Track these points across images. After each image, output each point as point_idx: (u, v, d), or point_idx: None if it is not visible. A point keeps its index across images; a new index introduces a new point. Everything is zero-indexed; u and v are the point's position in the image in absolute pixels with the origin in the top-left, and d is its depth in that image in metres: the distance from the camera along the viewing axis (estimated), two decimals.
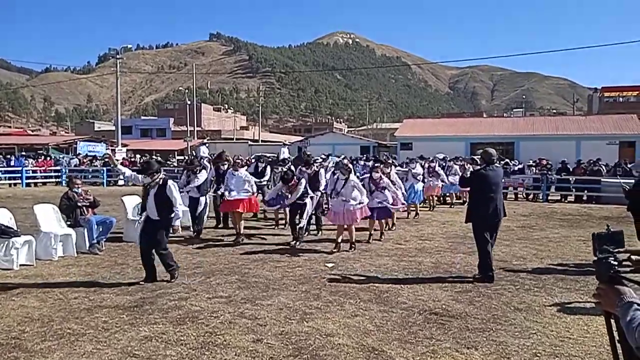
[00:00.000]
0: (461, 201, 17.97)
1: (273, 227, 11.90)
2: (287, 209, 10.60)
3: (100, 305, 5.68)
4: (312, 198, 9.94)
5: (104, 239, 9.08)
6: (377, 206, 9.72)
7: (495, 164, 7.24)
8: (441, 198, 17.41)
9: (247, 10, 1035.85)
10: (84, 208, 8.87)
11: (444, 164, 17.30)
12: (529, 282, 6.80)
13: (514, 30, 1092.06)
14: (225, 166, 11.38)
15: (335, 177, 9.28)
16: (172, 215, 6.69)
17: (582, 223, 13.26)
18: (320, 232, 10.90)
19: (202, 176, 10.79)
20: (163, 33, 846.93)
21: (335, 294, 6.13)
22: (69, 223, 8.77)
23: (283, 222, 11.88)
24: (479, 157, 7.36)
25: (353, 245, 9.01)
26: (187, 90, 63.71)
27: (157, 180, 6.75)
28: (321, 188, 10.03)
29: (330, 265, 7.72)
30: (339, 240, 8.98)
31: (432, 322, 5.18)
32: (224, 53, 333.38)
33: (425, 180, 14.73)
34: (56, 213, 8.82)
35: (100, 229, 8.96)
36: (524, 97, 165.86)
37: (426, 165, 15.49)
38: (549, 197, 19.99)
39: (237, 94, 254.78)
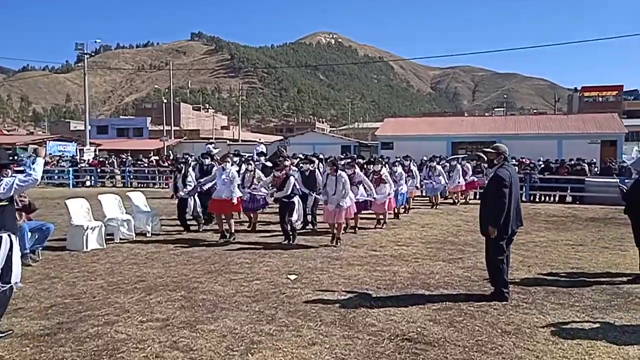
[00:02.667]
0: (451, 201, 17.29)
1: (248, 230, 11.19)
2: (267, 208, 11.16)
3: (5, 333, 4.68)
4: (304, 197, 10.13)
5: (41, 248, 8.04)
6: (355, 200, 9.92)
7: (510, 161, 6.13)
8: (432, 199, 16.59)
9: (229, 9, 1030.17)
10: (16, 212, 7.79)
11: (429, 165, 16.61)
12: (517, 296, 5.97)
13: (499, 31, 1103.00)
14: (207, 160, 11.38)
15: (325, 174, 9.57)
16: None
17: (569, 225, 12.56)
18: (314, 227, 11.14)
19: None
20: (144, 32, 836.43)
21: (292, 315, 5.21)
22: None
23: (249, 224, 11.42)
24: (492, 153, 6.03)
25: (339, 240, 9.26)
26: (167, 90, 62.24)
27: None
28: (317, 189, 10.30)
29: (292, 277, 6.79)
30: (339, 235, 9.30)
31: (404, 351, 4.30)
32: (205, 52, 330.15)
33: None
34: None
35: (37, 237, 7.92)
36: (504, 97, 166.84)
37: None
38: (532, 198, 19.35)
39: (219, 93, 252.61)
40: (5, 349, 4.32)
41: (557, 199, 19.14)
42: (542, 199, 19.44)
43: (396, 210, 13.18)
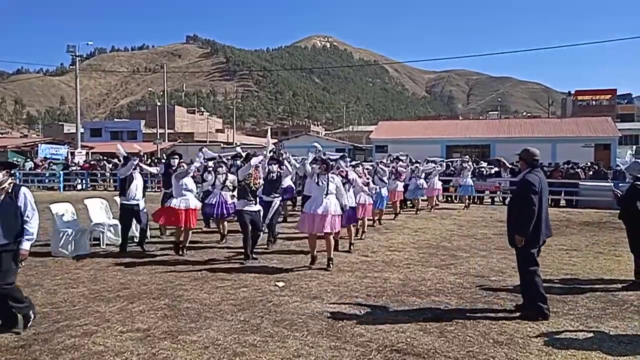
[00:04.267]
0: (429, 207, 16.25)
1: (217, 241, 9.87)
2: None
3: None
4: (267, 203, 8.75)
5: None
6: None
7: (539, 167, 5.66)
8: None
9: (224, 13, 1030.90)
10: None
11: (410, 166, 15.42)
12: (509, 303, 5.82)
13: (491, 35, 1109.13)
14: (176, 161, 9.73)
15: (315, 174, 7.82)
16: (25, 236, 4.81)
17: (562, 230, 12.44)
18: (271, 245, 9.31)
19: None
20: (139, 35, 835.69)
21: (278, 325, 5.05)
22: None
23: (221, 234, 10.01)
24: (519, 158, 5.64)
25: (330, 261, 7.61)
26: (162, 93, 62.04)
27: (5, 185, 4.76)
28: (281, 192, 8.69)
29: (280, 284, 6.62)
30: (314, 253, 7.73)
31: None
32: (200, 55, 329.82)
33: (389, 183, 12.67)
34: None
35: None
36: (499, 100, 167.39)
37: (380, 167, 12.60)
38: None
39: (214, 96, 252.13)
40: None
41: (551, 202, 19.06)
42: None
43: (375, 216, 12.10)
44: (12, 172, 5.17)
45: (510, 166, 6.42)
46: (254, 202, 8.06)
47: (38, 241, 8.59)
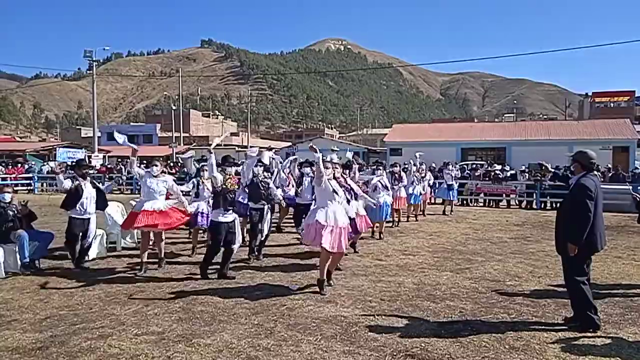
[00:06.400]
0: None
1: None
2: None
3: None
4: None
5: (41, 257, 7.94)
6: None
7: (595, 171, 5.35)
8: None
9: (239, 17, 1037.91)
10: (17, 221, 7.71)
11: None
12: (526, 309, 5.76)
13: (505, 37, 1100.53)
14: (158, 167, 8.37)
15: (310, 179, 7.43)
16: None
17: None
18: (253, 259, 8.40)
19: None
20: (154, 39, 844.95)
21: (292, 328, 5.04)
22: None
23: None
24: (573, 160, 5.29)
25: (330, 274, 6.76)
26: (177, 97, 62.67)
27: None
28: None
29: (294, 287, 6.62)
30: (329, 269, 6.69)
31: None
32: (215, 59, 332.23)
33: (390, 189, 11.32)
34: None
35: (37, 245, 7.82)
36: (514, 102, 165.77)
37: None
38: (543, 205, 19.07)
39: (228, 100, 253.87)
40: None
41: None
42: (554, 205, 19.13)
43: (376, 227, 10.87)
44: None
45: (553, 170, 6.20)
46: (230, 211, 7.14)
47: (56, 245, 8.77)
